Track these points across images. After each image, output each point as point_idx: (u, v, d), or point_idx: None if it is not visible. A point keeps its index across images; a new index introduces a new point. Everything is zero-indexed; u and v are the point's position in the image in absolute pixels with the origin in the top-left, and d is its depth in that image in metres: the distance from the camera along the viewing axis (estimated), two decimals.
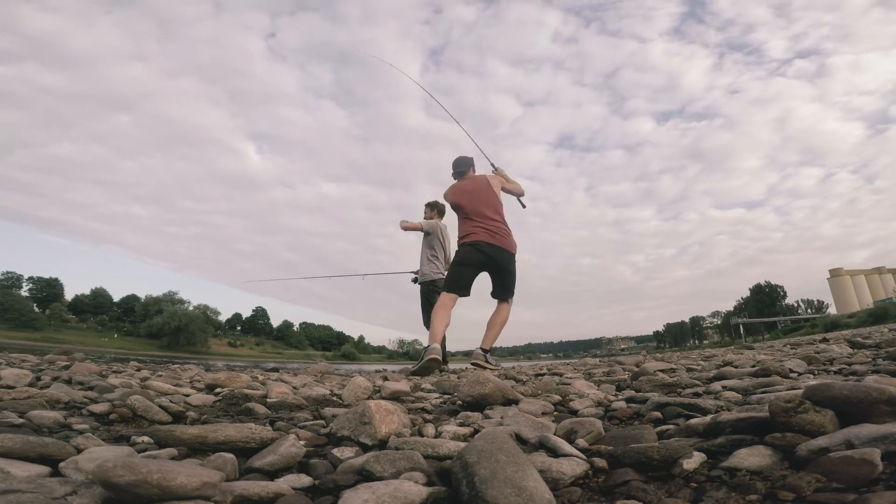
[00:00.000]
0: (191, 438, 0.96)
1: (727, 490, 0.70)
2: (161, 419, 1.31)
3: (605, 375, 2.66)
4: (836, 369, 2.06)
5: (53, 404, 1.39)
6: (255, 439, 0.97)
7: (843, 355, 2.69)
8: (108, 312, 72.88)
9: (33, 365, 3.13)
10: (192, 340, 64.34)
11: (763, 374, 1.88)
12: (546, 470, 0.78)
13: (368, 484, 0.69)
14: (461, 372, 4.46)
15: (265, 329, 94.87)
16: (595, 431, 1.05)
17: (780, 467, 0.74)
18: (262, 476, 0.82)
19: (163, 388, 1.85)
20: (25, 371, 2.02)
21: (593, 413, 1.39)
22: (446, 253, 5.89)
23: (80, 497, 0.64)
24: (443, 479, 0.79)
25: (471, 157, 4.66)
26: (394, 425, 1.10)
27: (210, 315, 73.19)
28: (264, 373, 3.71)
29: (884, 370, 1.71)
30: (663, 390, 1.79)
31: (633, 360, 4.03)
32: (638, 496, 0.71)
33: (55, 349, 5.46)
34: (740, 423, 0.90)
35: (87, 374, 2.32)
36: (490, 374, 1.63)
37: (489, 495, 0.62)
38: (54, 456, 0.81)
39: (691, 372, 2.54)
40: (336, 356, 79.64)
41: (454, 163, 4.60)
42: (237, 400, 1.65)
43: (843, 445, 0.73)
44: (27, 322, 55.39)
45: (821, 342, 5.79)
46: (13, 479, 0.70)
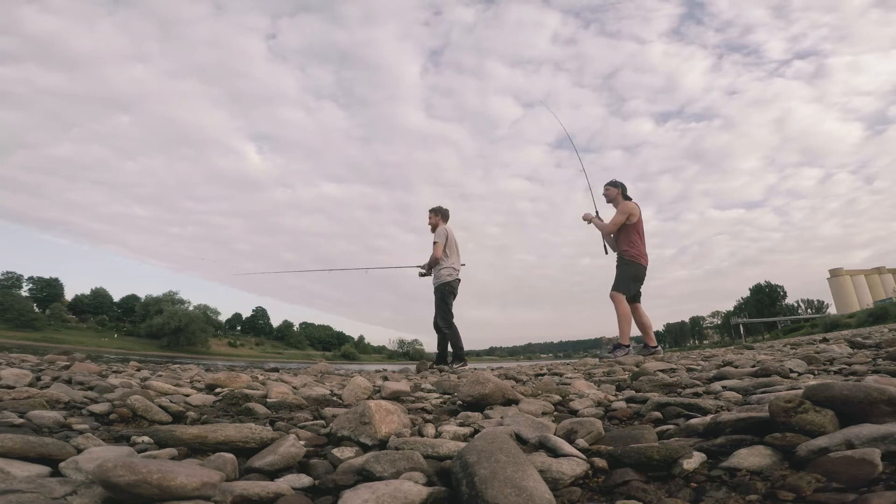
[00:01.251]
0: (191, 438, 0.96)
1: (727, 490, 0.70)
2: (161, 419, 1.31)
3: (605, 375, 2.66)
4: (836, 369, 2.05)
5: (53, 404, 1.39)
6: (255, 439, 0.97)
7: (843, 355, 2.69)
8: (108, 312, 72.89)
9: (33, 365, 3.13)
10: (192, 340, 64.35)
11: (763, 374, 1.88)
12: (546, 470, 0.78)
13: (368, 484, 0.69)
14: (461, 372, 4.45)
15: (265, 329, 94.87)
16: (595, 431, 1.05)
17: (780, 467, 0.74)
18: (262, 476, 0.82)
19: (163, 388, 1.85)
20: (25, 371, 2.02)
21: (593, 413, 1.39)
22: (458, 254, 6.08)
23: (80, 497, 0.64)
24: (443, 479, 0.79)
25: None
26: (394, 425, 1.10)
27: (210, 315, 73.23)
28: (264, 373, 3.71)
29: (884, 370, 1.71)
30: (663, 390, 1.79)
31: (633, 360, 4.03)
32: (638, 496, 0.71)
33: (55, 349, 5.46)
34: (740, 423, 0.90)
35: (87, 374, 2.32)
36: (490, 374, 1.63)
37: (489, 495, 0.62)
38: (54, 456, 0.81)
39: (691, 372, 2.54)
40: (336, 356, 79.64)
41: (622, 185, 5.76)
42: (237, 400, 1.65)
43: (843, 445, 0.73)
44: (27, 322, 55.40)
45: (821, 342, 5.79)
46: (13, 479, 0.70)
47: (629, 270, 5.52)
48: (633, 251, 5.54)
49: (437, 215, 6.13)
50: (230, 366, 6.22)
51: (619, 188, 5.74)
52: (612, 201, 5.75)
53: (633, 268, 5.52)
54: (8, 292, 58.44)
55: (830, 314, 75.75)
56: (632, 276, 5.51)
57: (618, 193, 5.70)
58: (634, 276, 5.52)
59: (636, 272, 5.54)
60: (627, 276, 5.50)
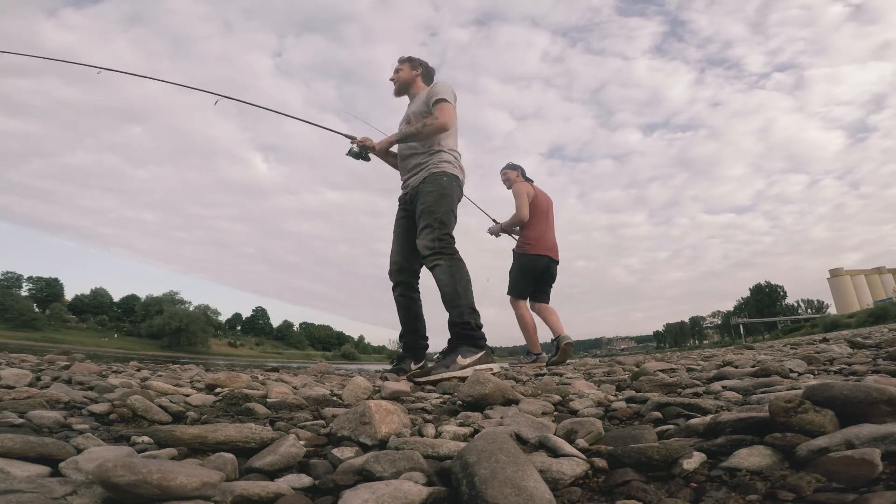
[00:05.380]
0: (191, 438, 0.96)
1: (727, 490, 0.70)
2: (161, 419, 1.31)
3: (605, 375, 2.66)
4: (836, 369, 2.05)
5: (53, 404, 1.39)
6: (255, 439, 0.97)
7: (843, 355, 2.69)
8: (108, 312, 72.90)
9: (33, 365, 3.12)
10: (192, 340, 64.39)
11: (763, 374, 1.88)
12: (546, 470, 0.78)
13: (368, 484, 0.68)
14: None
15: (265, 329, 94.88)
16: (595, 431, 1.05)
17: (780, 467, 0.74)
18: (262, 476, 0.81)
19: (163, 389, 1.84)
20: (25, 371, 2.02)
21: (593, 413, 1.39)
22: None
23: (80, 497, 0.64)
24: (443, 479, 0.79)
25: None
26: (394, 425, 1.09)
27: (210, 315, 73.27)
28: (264, 373, 3.71)
29: (884, 370, 1.71)
30: (663, 390, 1.79)
31: (633, 360, 4.03)
32: (638, 496, 0.71)
33: (55, 349, 5.46)
34: (740, 423, 0.89)
35: (87, 374, 2.32)
36: (490, 374, 1.63)
37: (489, 495, 0.62)
38: (54, 456, 0.81)
39: (691, 372, 2.54)
40: (336, 356, 79.65)
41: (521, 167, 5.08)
42: (237, 400, 1.65)
43: (843, 445, 0.73)
44: (27, 322, 55.41)
45: (821, 342, 5.79)
46: (13, 479, 0.70)
47: (522, 263, 4.67)
48: (527, 237, 4.69)
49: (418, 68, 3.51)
50: (230, 365, 6.22)
51: (517, 170, 5.06)
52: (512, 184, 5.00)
53: (525, 259, 4.67)
54: (8, 292, 58.44)
55: (830, 314, 75.73)
56: (526, 269, 4.66)
57: (517, 175, 5.02)
58: (528, 268, 4.65)
59: (529, 263, 4.64)
60: (521, 270, 4.67)
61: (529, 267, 4.66)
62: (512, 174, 5.07)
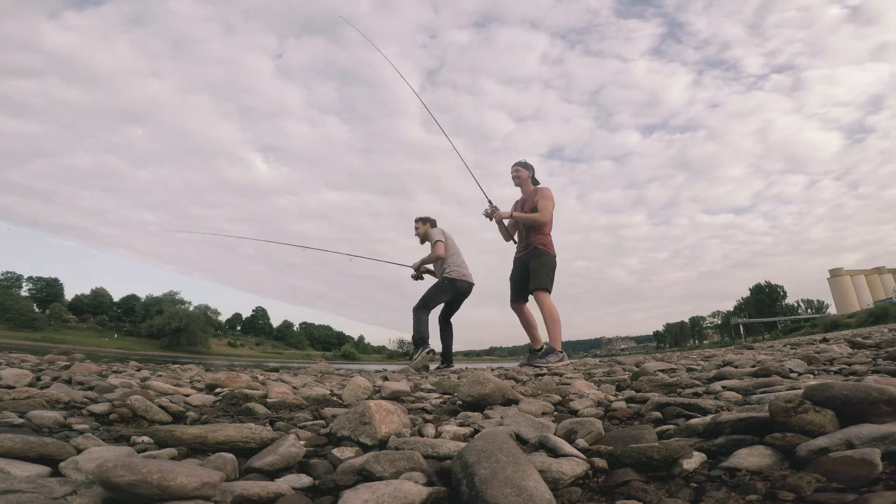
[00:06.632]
0: (191, 438, 0.96)
1: (727, 490, 0.70)
2: (161, 419, 1.31)
3: (605, 375, 2.66)
4: (836, 369, 2.05)
5: (53, 404, 1.39)
6: (255, 439, 0.97)
7: (843, 355, 2.69)
8: (108, 312, 72.92)
9: (33, 365, 3.12)
10: (192, 340, 64.40)
11: (763, 374, 1.88)
12: (546, 470, 0.78)
13: (368, 484, 0.69)
14: (461, 372, 4.46)
15: (265, 329, 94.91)
16: (595, 431, 1.05)
17: (780, 467, 0.74)
18: (262, 476, 0.81)
19: (163, 388, 1.85)
20: (25, 371, 2.02)
21: (593, 413, 1.39)
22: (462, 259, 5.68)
23: (80, 497, 0.64)
24: (443, 479, 0.79)
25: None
26: (394, 425, 1.10)
27: (210, 315, 73.28)
28: (264, 373, 3.71)
29: (884, 370, 1.71)
30: (663, 390, 1.79)
31: (633, 360, 4.02)
32: (638, 496, 0.71)
33: (55, 349, 5.46)
34: (740, 423, 0.89)
35: (87, 374, 2.32)
36: (490, 374, 1.63)
37: (489, 495, 0.62)
38: (54, 456, 0.81)
39: (691, 372, 2.53)
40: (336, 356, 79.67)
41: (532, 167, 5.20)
42: (237, 400, 1.65)
43: (843, 445, 0.73)
44: (27, 322, 55.42)
45: (821, 342, 5.79)
46: (13, 479, 0.70)
47: (549, 262, 4.88)
48: (547, 240, 4.93)
49: (426, 223, 5.77)
50: (230, 365, 6.22)
51: (530, 170, 5.11)
52: (522, 184, 5.11)
53: (551, 259, 4.91)
54: (7, 292, 58.46)
55: (830, 314, 75.80)
56: (552, 268, 4.89)
57: (528, 176, 5.09)
58: (553, 268, 4.90)
59: (554, 263, 4.92)
60: (549, 267, 4.85)
61: (554, 266, 4.95)
62: (524, 173, 5.15)
